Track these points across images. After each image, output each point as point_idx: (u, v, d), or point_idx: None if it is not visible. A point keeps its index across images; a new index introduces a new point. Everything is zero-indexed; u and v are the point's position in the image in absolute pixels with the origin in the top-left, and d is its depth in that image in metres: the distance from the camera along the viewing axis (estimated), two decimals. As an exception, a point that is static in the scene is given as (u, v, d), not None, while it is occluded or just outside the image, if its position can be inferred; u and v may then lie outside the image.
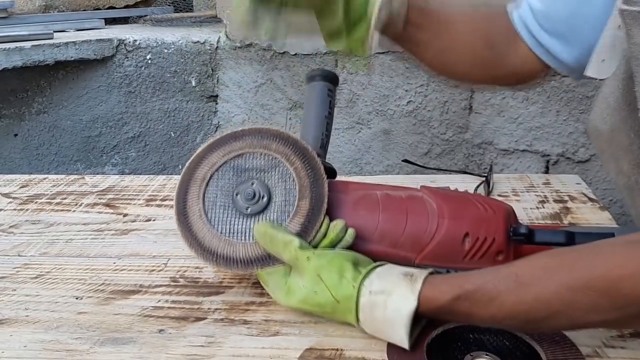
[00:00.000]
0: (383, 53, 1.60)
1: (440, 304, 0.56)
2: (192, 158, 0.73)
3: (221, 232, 0.68)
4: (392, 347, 0.58)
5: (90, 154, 1.82)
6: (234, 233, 0.68)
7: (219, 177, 0.70)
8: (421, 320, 0.59)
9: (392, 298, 0.57)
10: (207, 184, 0.70)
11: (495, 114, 1.56)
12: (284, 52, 1.70)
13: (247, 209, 0.68)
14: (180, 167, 1.89)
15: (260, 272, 0.66)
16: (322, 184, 0.67)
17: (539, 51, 0.75)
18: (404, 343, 0.56)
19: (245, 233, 0.67)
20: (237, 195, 0.69)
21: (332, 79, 0.80)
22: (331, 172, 0.72)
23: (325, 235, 0.66)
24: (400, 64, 1.58)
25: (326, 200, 0.66)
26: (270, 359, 0.59)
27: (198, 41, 1.78)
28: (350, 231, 0.65)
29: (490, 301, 0.54)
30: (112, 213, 0.95)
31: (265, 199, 0.68)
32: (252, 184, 0.69)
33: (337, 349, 0.60)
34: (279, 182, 0.69)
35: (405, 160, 0.98)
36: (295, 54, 1.69)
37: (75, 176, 1.11)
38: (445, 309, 0.56)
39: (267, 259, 0.66)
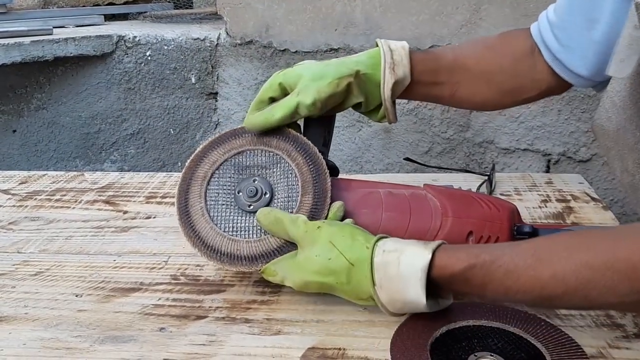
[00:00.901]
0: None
1: (455, 271, 0.56)
2: (192, 156, 0.72)
3: (224, 230, 0.67)
4: (395, 346, 0.57)
5: (89, 151, 1.81)
6: (237, 231, 0.67)
7: (220, 175, 0.70)
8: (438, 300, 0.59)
9: (406, 254, 0.57)
10: (208, 182, 0.69)
11: (496, 112, 1.55)
12: (284, 50, 1.69)
13: (249, 206, 0.68)
14: (179, 164, 1.88)
15: (266, 267, 0.65)
16: (324, 180, 0.67)
17: (556, 66, 0.75)
18: (421, 299, 0.56)
19: (248, 230, 0.67)
20: (239, 192, 0.68)
21: None
22: (334, 170, 0.71)
23: None
24: (401, 62, 1.57)
25: (329, 195, 0.66)
26: (273, 358, 0.58)
27: (198, 38, 1.77)
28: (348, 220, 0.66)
29: (507, 274, 0.54)
30: (112, 210, 0.94)
31: (267, 195, 0.68)
32: (254, 181, 0.68)
33: (340, 348, 0.59)
34: (281, 178, 0.68)
35: (407, 159, 0.97)
36: (296, 51, 1.68)
37: (75, 173, 1.11)
38: (460, 277, 0.56)
39: (272, 255, 0.65)
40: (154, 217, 0.91)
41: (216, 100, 1.84)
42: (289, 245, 0.65)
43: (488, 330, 0.60)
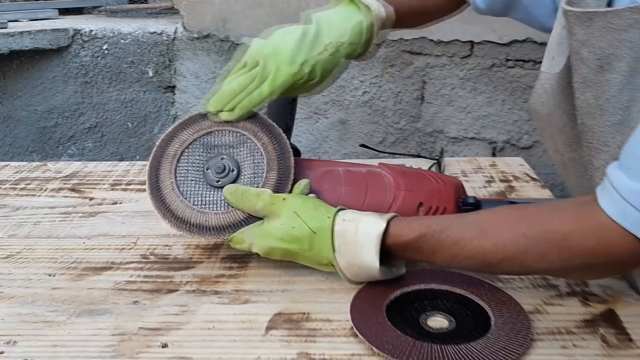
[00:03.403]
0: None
1: (407, 239, 0.62)
2: (162, 137, 0.76)
3: (193, 204, 0.72)
4: (354, 308, 0.63)
5: (46, 145, 1.80)
6: (205, 204, 0.72)
7: (189, 153, 0.74)
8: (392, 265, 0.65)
9: (363, 223, 0.63)
10: (178, 160, 0.74)
11: (445, 103, 1.63)
12: (241, 43, 1.73)
13: (217, 182, 0.72)
14: (138, 157, 1.89)
15: (233, 235, 0.69)
16: (288, 157, 0.72)
17: None
18: (375, 263, 0.62)
19: (216, 204, 0.71)
20: (207, 169, 0.73)
21: None
22: (296, 152, 0.76)
23: None
24: (355, 55, 1.63)
25: (293, 172, 0.71)
26: (242, 323, 0.63)
27: (155, 32, 1.79)
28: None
29: (454, 243, 0.60)
30: (78, 197, 0.97)
31: (234, 172, 0.72)
32: (222, 158, 0.73)
33: (304, 313, 0.64)
34: (248, 156, 0.73)
35: (363, 145, 1.03)
36: (253, 45, 1.72)
37: (38, 163, 1.12)
38: (412, 245, 0.62)
39: (239, 225, 0.70)
40: (120, 203, 0.94)
41: (174, 94, 1.86)
42: (255, 217, 0.70)
43: (437, 293, 0.66)
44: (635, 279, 0.68)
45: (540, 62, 0.75)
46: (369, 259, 0.62)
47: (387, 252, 0.64)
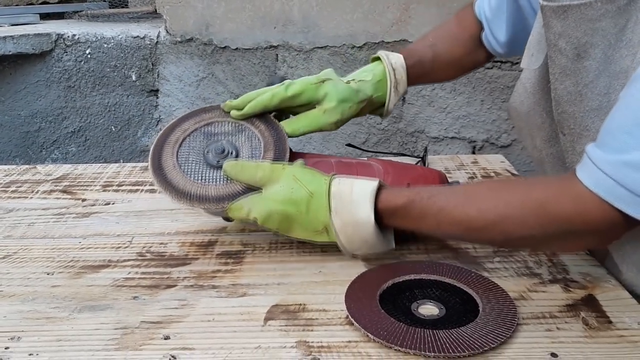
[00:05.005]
0: (321, 48, 1.68)
1: (397, 204, 0.66)
2: (164, 127, 0.81)
3: (194, 180, 0.75)
4: (349, 298, 0.66)
5: (29, 150, 1.80)
6: (206, 180, 0.75)
7: (191, 140, 0.79)
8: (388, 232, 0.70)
9: (357, 183, 0.68)
10: (180, 145, 0.78)
11: (426, 104, 1.67)
12: (225, 47, 1.75)
13: (217, 162, 0.76)
14: (121, 161, 1.90)
15: (233, 203, 0.72)
16: (284, 141, 0.77)
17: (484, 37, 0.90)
18: (370, 217, 0.66)
19: (216, 180, 0.75)
20: (207, 152, 0.77)
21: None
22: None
23: None
24: (338, 58, 1.67)
25: (288, 153, 0.75)
26: (241, 315, 0.65)
27: (138, 36, 1.80)
28: None
29: (440, 210, 0.65)
30: (71, 198, 0.98)
31: (233, 154, 0.76)
32: (222, 143, 0.77)
33: (300, 304, 0.67)
34: (246, 142, 0.78)
35: (349, 144, 1.06)
36: (237, 48, 1.74)
37: (27, 166, 1.13)
38: (401, 210, 0.66)
39: (238, 195, 0.73)
40: (113, 204, 0.96)
41: (157, 97, 1.88)
42: (254, 189, 0.73)
43: (427, 282, 0.69)
44: (613, 265, 0.72)
45: (518, 63, 0.79)
46: (364, 214, 0.66)
47: (379, 219, 0.68)
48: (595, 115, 0.63)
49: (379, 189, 0.68)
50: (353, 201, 0.67)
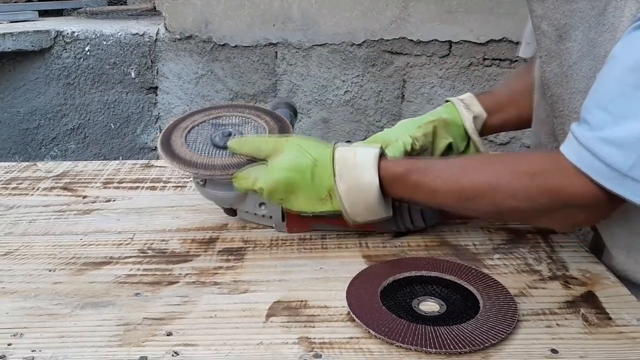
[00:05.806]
0: (320, 45, 1.68)
1: (396, 172, 0.70)
2: (173, 120, 0.85)
3: (201, 154, 0.79)
4: (350, 294, 0.66)
5: (28, 147, 1.80)
6: (212, 155, 0.78)
7: (199, 128, 0.82)
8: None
9: (360, 148, 0.71)
10: (189, 132, 0.82)
11: (425, 102, 1.67)
12: (224, 44, 1.75)
13: (223, 143, 0.79)
14: (120, 158, 1.90)
15: (238, 171, 0.75)
16: (288, 130, 0.80)
17: None
18: (374, 179, 0.69)
19: (222, 155, 0.78)
20: (214, 137, 0.81)
21: (294, 110, 0.95)
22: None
23: None
24: (337, 56, 1.67)
25: None
26: (243, 312, 0.66)
27: (137, 33, 1.80)
28: None
29: (435, 179, 0.68)
30: (71, 195, 0.98)
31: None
32: (228, 129, 0.81)
33: (302, 300, 0.67)
34: (252, 131, 0.81)
35: (349, 142, 1.07)
36: (236, 46, 1.74)
37: (27, 163, 1.13)
38: (399, 178, 0.70)
39: (243, 165, 0.75)
40: (114, 201, 0.96)
41: (156, 95, 1.88)
42: (260, 162, 0.75)
43: (428, 279, 0.70)
44: (607, 254, 0.73)
45: (517, 61, 0.80)
46: (369, 177, 0.69)
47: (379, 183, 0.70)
48: (582, 97, 0.65)
49: (380, 156, 0.71)
50: (357, 164, 0.70)
